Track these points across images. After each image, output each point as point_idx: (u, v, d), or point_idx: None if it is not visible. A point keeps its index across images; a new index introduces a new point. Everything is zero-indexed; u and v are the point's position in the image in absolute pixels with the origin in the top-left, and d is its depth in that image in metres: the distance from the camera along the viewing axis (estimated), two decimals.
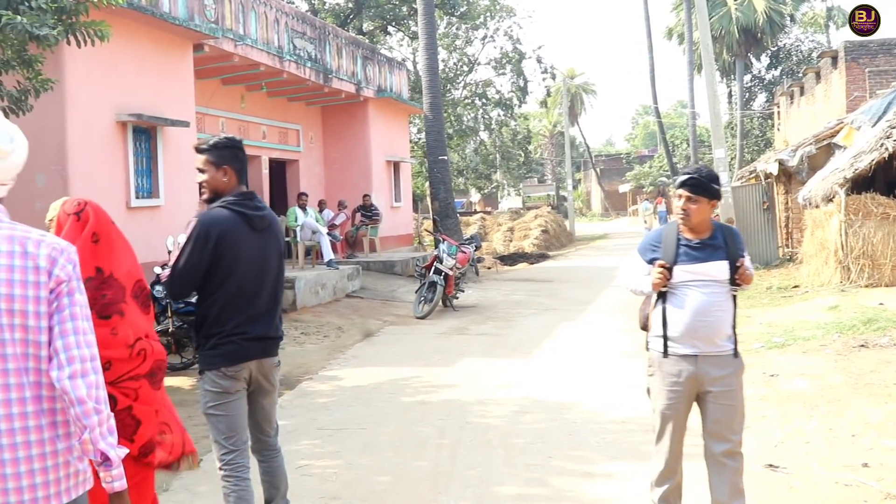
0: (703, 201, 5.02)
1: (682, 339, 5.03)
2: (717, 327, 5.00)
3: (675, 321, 5.05)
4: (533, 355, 12.38)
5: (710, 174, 5.08)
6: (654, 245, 5.21)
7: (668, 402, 5.13)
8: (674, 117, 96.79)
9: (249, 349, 5.03)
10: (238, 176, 5.16)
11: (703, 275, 5.00)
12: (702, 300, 4.98)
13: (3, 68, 9.10)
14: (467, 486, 6.57)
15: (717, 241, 5.07)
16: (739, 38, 48.64)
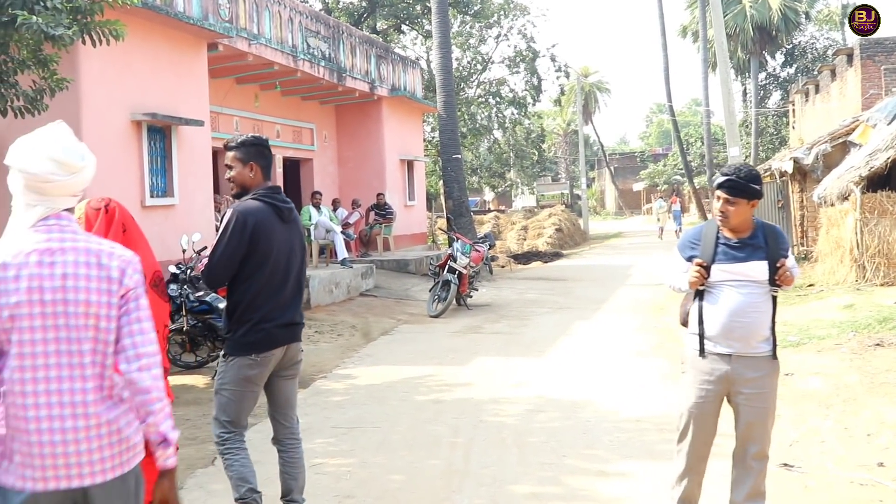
0: (742, 203, 4.93)
1: (717, 339, 4.97)
2: (754, 328, 4.92)
3: (712, 320, 5.00)
4: (547, 354, 12.37)
5: (750, 174, 4.97)
6: (693, 242, 5.16)
7: (697, 401, 5.06)
8: (688, 115, 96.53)
9: (279, 335, 5.34)
10: (264, 172, 5.43)
11: (740, 275, 4.94)
12: (739, 300, 4.92)
13: (19, 68, 9.14)
14: (481, 485, 6.57)
15: (757, 241, 4.99)
16: (754, 36, 48.43)
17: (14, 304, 2.97)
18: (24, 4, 8.06)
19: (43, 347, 2.99)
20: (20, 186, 3.14)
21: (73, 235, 3.15)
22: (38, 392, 2.98)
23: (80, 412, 3.02)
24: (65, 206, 3.18)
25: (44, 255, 3.04)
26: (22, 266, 3.01)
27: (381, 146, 25.77)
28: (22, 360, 2.98)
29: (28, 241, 3.07)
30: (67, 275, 3.04)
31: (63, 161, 3.11)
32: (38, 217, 3.12)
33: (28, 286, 2.99)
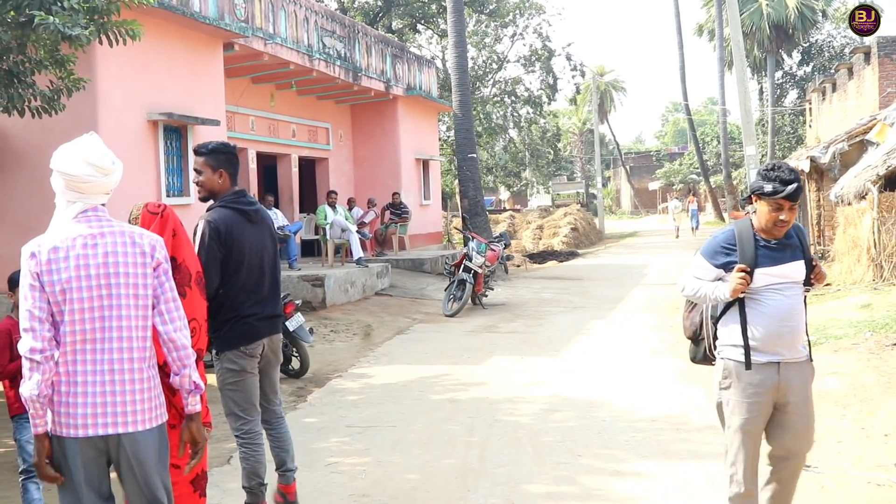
0: (796, 206, 4.73)
1: (765, 347, 4.71)
2: (799, 331, 4.75)
3: (758, 328, 4.71)
4: (562, 353, 12.36)
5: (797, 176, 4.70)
6: (728, 247, 4.84)
7: (749, 416, 4.75)
8: (704, 114, 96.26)
9: (262, 328, 5.78)
10: (232, 179, 5.76)
11: (783, 277, 4.72)
12: (785, 304, 4.71)
13: (36, 68, 9.18)
14: (496, 484, 6.57)
15: (793, 241, 4.80)
16: (770, 35, 48.25)
17: (65, 279, 3.63)
18: (42, 5, 8.10)
19: (90, 314, 3.66)
20: (62, 186, 3.80)
21: (109, 223, 3.85)
22: (86, 351, 3.65)
23: (124, 368, 3.71)
24: (99, 202, 3.86)
25: (87, 238, 3.73)
26: (70, 248, 3.68)
27: (397, 145, 25.79)
28: (73, 325, 3.64)
29: (73, 229, 3.75)
30: (108, 252, 3.73)
31: (97, 164, 3.80)
32: (78, 211, 3.80)
33: (76, 264, 3.66)
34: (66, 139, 12.04)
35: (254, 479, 5.73)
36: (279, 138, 21.49)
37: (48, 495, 6.58)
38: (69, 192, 3.80)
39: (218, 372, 5.76)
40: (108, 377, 3.67)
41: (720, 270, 4.82)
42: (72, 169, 3.77)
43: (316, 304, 16.27)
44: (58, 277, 3.63)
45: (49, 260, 3.65)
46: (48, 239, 3.72)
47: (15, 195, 13.48)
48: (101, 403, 3.65)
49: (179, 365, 3.86)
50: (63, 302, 3.64)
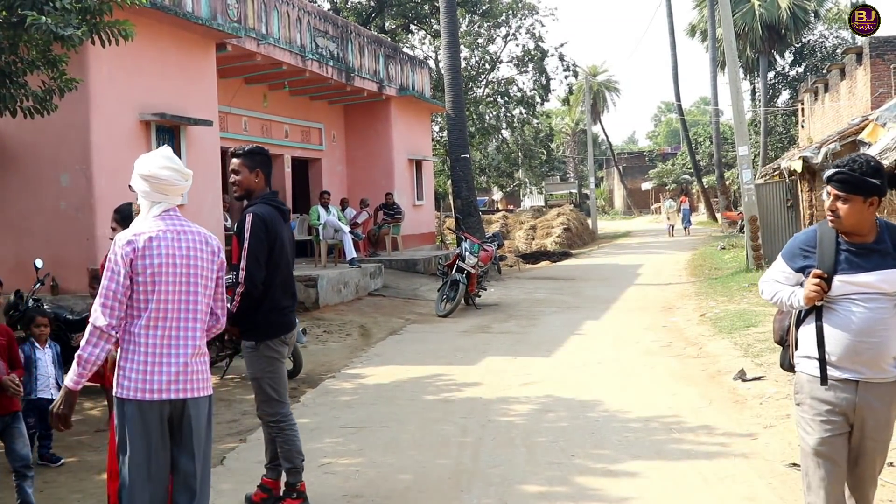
0: (857, 200, 4.19)
1: (842, 363, 4.25)
2: (884, 349, 4.21)
3: (834, 341, 4.27)
4: (555, 354, 12.36)
5: (867, 166, 4.22)
6: (807, 250, 4.41)
7: (824, 436, 4.30)
8: (697, 114, 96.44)
9: (293, 319, 6.27)
10: (266, 179, 6.19)
11: (867, 287, 4.21)
12: (866, 317, 4.21)
13: (29, 68, 9.16)
14: (490, 485, 6.57)
15: (884, 246, 4.26)
16: (763, 35, 48.34)
17: (157, 265, 4.30)
18: (34, 5, 8.08)
19: (175, 297, 4.34)
20: (148, 189, 4.45)
21: (188, 222, 4.56)
22: (167, 328, 4.32)
23: (192, 344, 4.39)
24: (177, 203, 4.55)
25: (174, 233, 4.41)
26: (161, 240, 4.35)
27: (390, 146, 25.78)
28: (159, 304, 4.29)
29: (160, 224, 4.41)
30: (190, 247, 4.44)
31: (181, 170, 4.49)
32: (162, 210, 4.46)
33: (166, 253, 4.34)
34: (58, 140, 12.10)
35: (299, 456, 6.08)
36: (272, 139, 21.47)
37: (40, 496, 6.57)
38: (155, 193, 4.46)
39: (254, 361, 6.07)
40: (182, 350, 4.35)
41: (800, 274, 4.41)
42: (161, 173, 4.43)
43: (309, 304, 16.27)
44: (150, 262, 4.28)
45: (145, 247, 4.29)
46: (141, 230, 4.36)
47: (7, 195, 13.45)
48: (173, 372, 4.30)
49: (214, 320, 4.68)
50: (151, 283, 4.29)
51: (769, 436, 7.58)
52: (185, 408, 4.35)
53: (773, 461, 6.82)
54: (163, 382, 4.26)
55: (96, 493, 6.72)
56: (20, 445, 6.09)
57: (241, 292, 5.86)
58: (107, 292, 4.23)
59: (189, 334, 4.39)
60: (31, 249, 12.50)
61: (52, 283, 12.36)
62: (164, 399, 4.28)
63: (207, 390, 4.48)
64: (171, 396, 4.29)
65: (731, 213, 44.05)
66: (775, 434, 7.62)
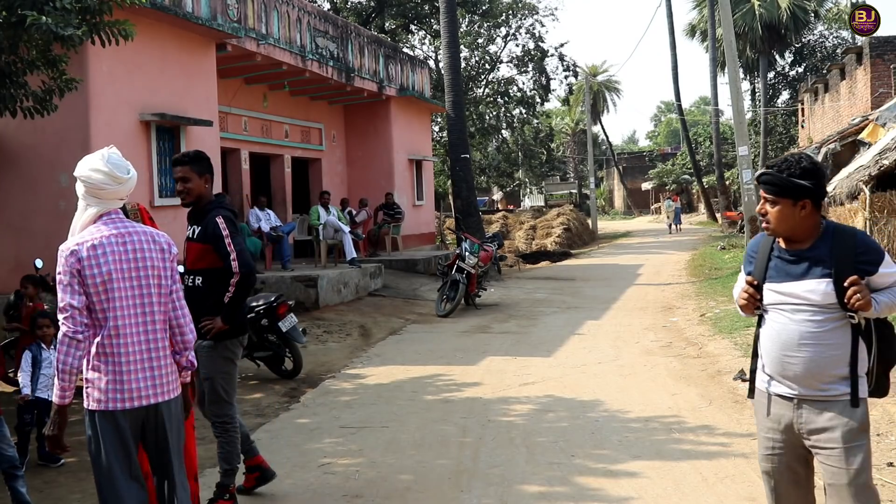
0: (786, 203, 3.91)
1: (775, 377, 4.02)
2: (817, 366, 3.87)
3: (766, 353, 4.06)
4: (555, 354, 12.36)
5: (796, 167, 3.90)
6: (752, 255, 4.20)
7: (767, 454, 4.12)
8: (697, 114, 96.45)
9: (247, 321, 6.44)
10: (212, 183, 6.17)
11: (793, 297, 3.92)
12: (791, 330, 3.92)
13: (28, 68, 9.16)
14: (490, 485, 6.57)
15: (819, 253, 3.92)
16: (763, 35, 48.35)
17: (105, 272, 4.24)
18: (34, 5, 8.08)
19: (129, 302, 4.29)
20: (82, 191, 4.40)
21: (132, 224, 4.50)
22: (128, 335, 4.28)
23: (159, 346, 4.39)
24: (115, 207, 4.44)
25: (119, 238, 4.34)
26: (105, 246, 4.28)
27: (390, 146, 25.78)
28: (115, 312, 4.25)
29: (103, 230, 4.34)
30: (136, 249, 4.37)
31: (112, 174, 4.37)
32: (96, 214, 4.38)
33: (114, 259, 4.28)
34: (58, 139, 12.06)
35: (236, 459, 6.10)
36: (272, 139, 21.47)
37: (39, 496, 6.57)
38: (88, 196, 4.40)
39: (209, 361, 5.99)
40: (146, 356, 4.33)
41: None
42: (92, 176, 4.36)
43: (309, 304, 16.26)
44: (98, 271, 4.23)
45: (90, 256, 4.24)
46: (84, 239, 4.30)
47: (7, 196, 13.45)
48: (142, 378, 4.30)
49: (182, 347, 4.57)
50: (104, 292, 4.24)
51: None
52: (157, 411, 4.37)
53: None
54: (133, 391, 4.28)
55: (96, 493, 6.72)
56: (5, 447, 6.08)
57: (235, 281, 5.88)
58: (62, 305, 4.22)
59: (151, 337, 4.38)
60: (32, 249, 12.49)
61: (52, 283, 12.36)
62: (138, 406, 4.29)
63: (177, 390, 4.50)
64: (143, 403, 4.30)
65: (732, 213, 44.07)
66: None
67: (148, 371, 4.32)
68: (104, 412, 4.24)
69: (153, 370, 4.35)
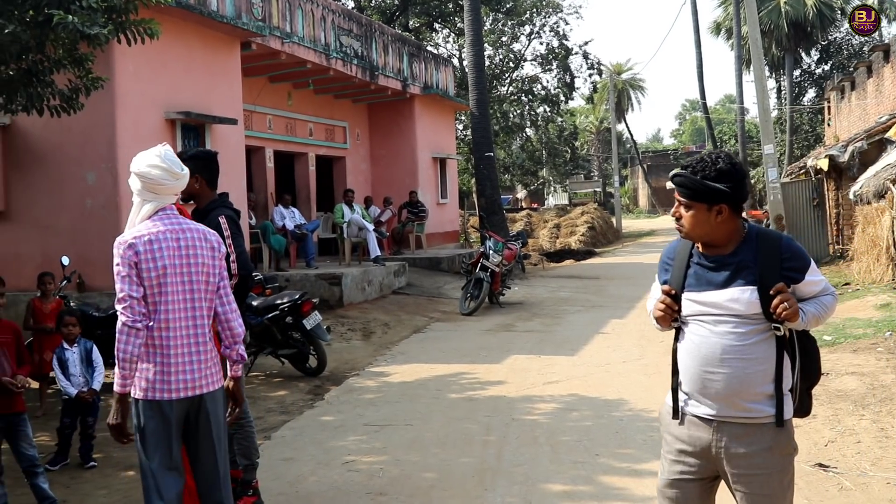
0: (701, 208, 3.60)
1: (694, 396, 3.65)
2: (742, 383, 3.53)
3: (684, 370, 3.69)
4: (579, 352, 12.34)
5: (711, 169, 3.58)
6: (668, 262, 3.86)
7: (672, 478, 3.73)
8: (722, 113, 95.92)
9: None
10: (210, 184, 6.14)
11: (715, 307, 3.57)
12: (712, 343, 3.57)
13: (55, 67, 9.20)
14: (514, 483, 6.56)
15: (741, 259, 3.59)
16: (789, 33, 48.05)
17: (160, 267, 4.36)
18: (60, 4, 8.11)
19: (182, 296, 4.42)
20: (139, 187, 4.49)
21: (185, 220, 4.62)
22: (177, 328, 4.40)
23: (202, 340, 4.49)
24: (170, 202, 4.56)
25: (173, 234, 4.46)
26: (161, 241, 4.40)
27: (414, 144, 25.79)
28: (167, 305, 4.38)
29: (158, 225, 4.45)
30: (189, 246, 4.49)
31: (171, 170, 4.49)
32: (153, 210, 4.49)
33: (169, 254, 4.40)
34: (84, 138, 12.15)
35: (255, 454, 6.11)
36: (296, 137, 21.52)
37: (65, 492, 6.62)
38: (146, 192, 4.50)
39: None
40: (193, 349, 4.44)
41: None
42: (150, 172, 4.46)
43: (333, 302, 16.29)
44: (154, 265, 4.35)
45: (146, 250, 4.35)
46: (140, 233, 4.40)
47: (34, 194, 13.54)
48: (191, 370, 4.42)
49: (232, 340, 4.68)
50: (157, 286, 4.36)
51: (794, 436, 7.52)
52: (202, 403, 4.47)
53: (799, 462, 6.74)
54: (180, 381, 4.38)
55: (122, 489, 6.76)
56: (25, 446, 6.12)
57: (234, 283, 5.77)
58: (121, 295, 4.31)
59: (199, 331, 4.49)
60: (58, 247, 12.59)
61: (79, 281, 12.43)
62: (184, 397, 4.39)
63: (220, 382, 4.60)
64: (188, 394, 4.40)
65: (757, 212, 43.73)
66: (801, 434, 7.54)
67: (195, 364, 4.44)
68: (150, 401, 4.35)
69: (199, 363, 4.46)
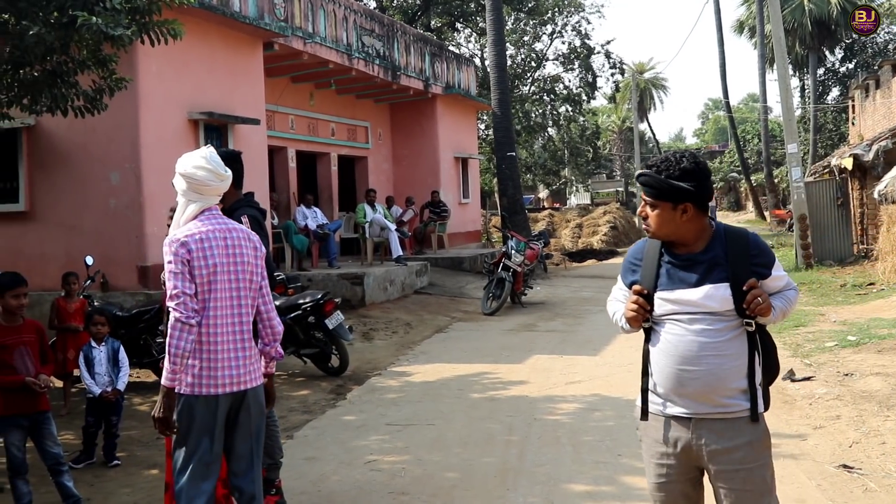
0: (666, 206, 3.60)
1: (669, 396, 3.64)
2: (717, 379, 3.54)
3: (658, 370, 3.66)
4: (602, 352, 12.30)
5: (675, 168, 3.58)
6: (635, 263, 3.81)
7: (658, 482, 3.77)
8: (745, 112, 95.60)
9: None
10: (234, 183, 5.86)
11: (690, 305, 3.56)
12: (688, 341, 3.56)
13: (79, 68, 9.26)
14: (536, 483, 6.55)
15: (713, 256, 3.60)
16: (812, 31, 47.84)
17: (211, 265, 4.47)
18: (85, 5, 8.16)
19: (228, 294, 4.53)
20: (184, 188, 4.58)
21: (229, 221, 4.75)
22: (225, 324, 4.51)
23: (247, 338, 4.60)
24: (214, 203, 4.66)
25: (221, 233, 4.58)
26: (212, 240, 4.51)
27: (436, 144, 25.80)
28: (216, 302, 4.49)
29: (207, 224, 4.57)
30: (236, 245, 4.60)
31: (216, 171, 4.59)
32: (198, 210, 4.58)
33: (219, 253, 4.51)
34: (108, 138, 12.23)
35: (278, 452, 6.12)
36: (318, 137, 21.56)
37: (90, 490, 6.65)
38: (191, 193, 4.59)
39: None
40: (239, 345, 4.55)
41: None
42: (196, 173, 4.55)
43: (355, 302, 16.31)
44: (204, 263, 4.45)
45: (198, 248, 4.45)
46: (191, 232, 4.50)
47: (58, 194, 13.64)
48: (236, 366, 4.52)
49: (272, 338, 4.80)
50: (208, 283, 4.46)
51: (819, 437, 7.49)
52: (245, 397, 4.58)
53: (823, 463, 6.73)
54: (225, 377, 4.49)
55: (146, 487, 6.79)
56: (50, 444, 6.14)
57: None
58: (174, 291, 4.39)
59: (245, 328, 4.60)
60: (82, 247, 12.67)
61: (103, 280, 12.50)
62: (228, 392, 4.50)
63: (261, 379, 4.70)
64: (234, 389, 4.51)
65: (780, 212, 43.64)
66: (825, 435, 7.53)
67: (240, 360, 4.55)
68: (196, 396, 4.46)
69: (244, 359, 4.57)
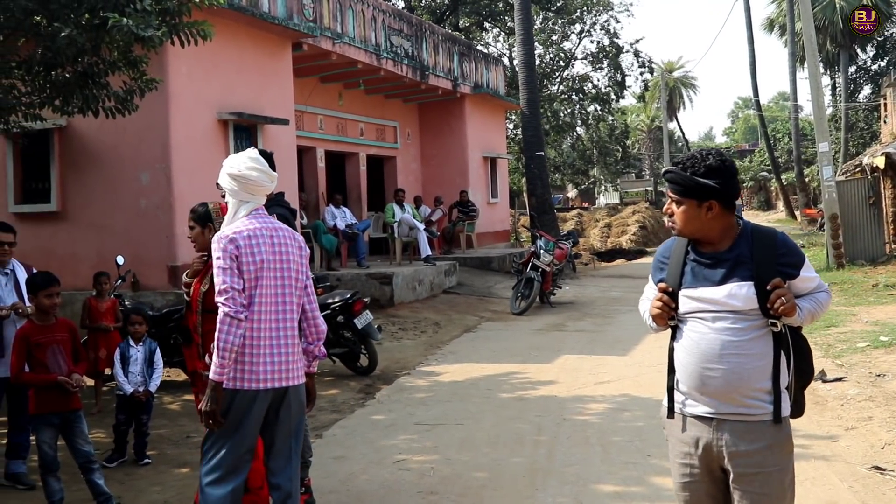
0: (691, 204, 3.59)
1: (693, 394, 3.63)
2: (740, 378, 3.50)
3: (682, 368, 3.66)
4: (631, 352, 12.26)
5: (701, 165, 3.58)
6: (663, 261, 3.80)
7: (682, 482, 3.72)
8: (775, 110, 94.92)
9: None
10: None
11: (713, 303, 3.54)
12: (711, 339, 3.54)
13: (110, 69, 9.32)
14: (565, 483, 6.53)
15: (738, 255, 3.57)
16: (844, 29, 47.45)
17: (259, 261, 4.57)
18: (115, 7, 8.22)
19: (273, 290, 4.62)
20: (236, 188, 4.70)
21: (276, 220, 4.87)
22: (269, 320, 4.60)
23: (291, 335, 4.69)
24: (262, 203, 4.80)
25: (268, 231, 4.69)
26: (259, 238, 4.62)
27: (464, 144, 25.79)
28: (261, 298, 4.57)
29: (255, 223, 4.68)
30: (282, 244, 4.72)
31: (267, 171, 4.76)
32: (250, 209, 4.71)
33: (265, 250, 4.62)
34: (138, 139, 12.31)
35: (306, 453, 6.02)
36: (347, 137, 21.61)
37: (120, 488, 6.69)
38: (243, 193, 4.72)
39: None
40: (283, 341, 4.63)
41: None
42: (250, 174, 4.69)
43: (384, 301, 16.34)
44: (252, 259, 4.55)
45: (247, 245, 4.55)
46: (238, 229, 4.60)
47: (89, 194, 13.73)
48: (278, 362, 4.60)
49: (316, 337, 4.90)
50: (255, 279, 4.56)
51: (850, 438, 7.43)
52: (286, 394, 4.65)
53: (855, 464, 6.68)
54: (268, 373, 4.56)
55: (175, 485, 6.83)
56: (81, 442, 6.18)
57: None
58: (223, 287, 4.47)
59: (289, 325, 4.68)
60: (113, 247, 12.76)
61: (133, 280, 12.58)
62: (270, 388, 4.57)
63: (302, 377, 4.77)
64: (275, 385, 4.58)
65: (811, 211, 43.31)
66: (857, 436, 7.47)
67: (283, 356, 4.62)
68: (237, 390, 4.52)
69: (287, 355, 4.64)
